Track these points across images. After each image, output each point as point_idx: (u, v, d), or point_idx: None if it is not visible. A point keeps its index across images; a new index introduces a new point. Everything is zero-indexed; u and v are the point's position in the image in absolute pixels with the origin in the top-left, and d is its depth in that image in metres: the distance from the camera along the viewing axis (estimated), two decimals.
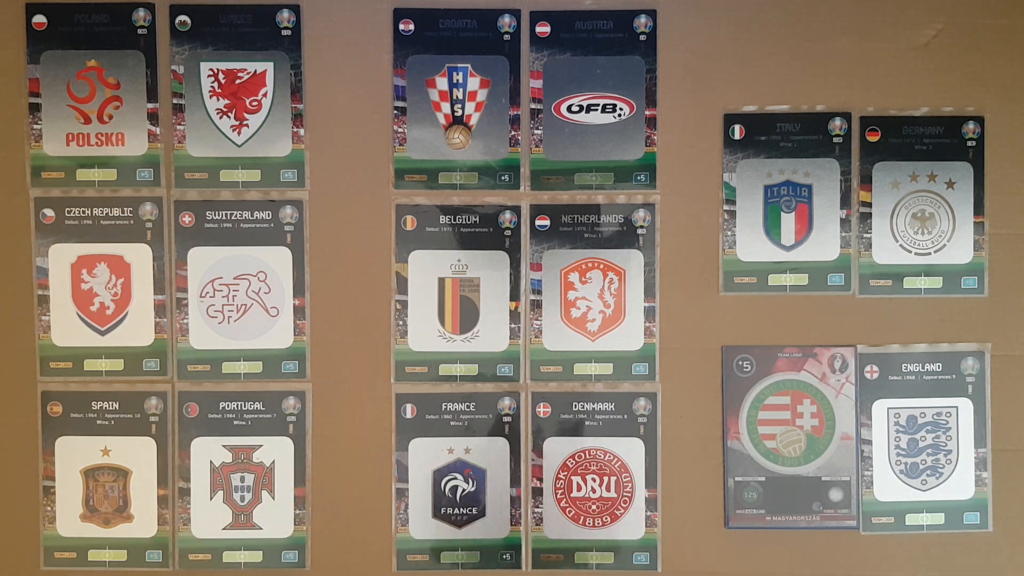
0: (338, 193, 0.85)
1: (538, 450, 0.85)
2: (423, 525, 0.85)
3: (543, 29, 0.84)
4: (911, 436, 0.85)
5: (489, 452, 0.85)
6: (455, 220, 0.85)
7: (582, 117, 0.85)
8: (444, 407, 0.85)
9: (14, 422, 0.84)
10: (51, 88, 0.84)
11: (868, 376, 0.85)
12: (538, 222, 0.85)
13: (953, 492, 0.86)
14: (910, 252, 0.85)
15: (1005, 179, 0.85)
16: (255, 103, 0.84)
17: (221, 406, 0.84)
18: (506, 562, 0.85)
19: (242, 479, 0.85)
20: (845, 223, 0.85)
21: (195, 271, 0.84)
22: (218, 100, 0.84)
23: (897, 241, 0.85)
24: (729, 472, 0.85)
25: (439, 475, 0.85)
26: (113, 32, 0.84)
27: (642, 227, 0.85)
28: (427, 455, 0.85)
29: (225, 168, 0.84)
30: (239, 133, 0.84)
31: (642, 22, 0.84)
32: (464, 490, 0.85)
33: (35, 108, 0.84)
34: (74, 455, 0.84)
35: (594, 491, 0.85)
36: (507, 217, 0.85)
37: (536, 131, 0.85)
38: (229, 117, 0.84)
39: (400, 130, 0.85)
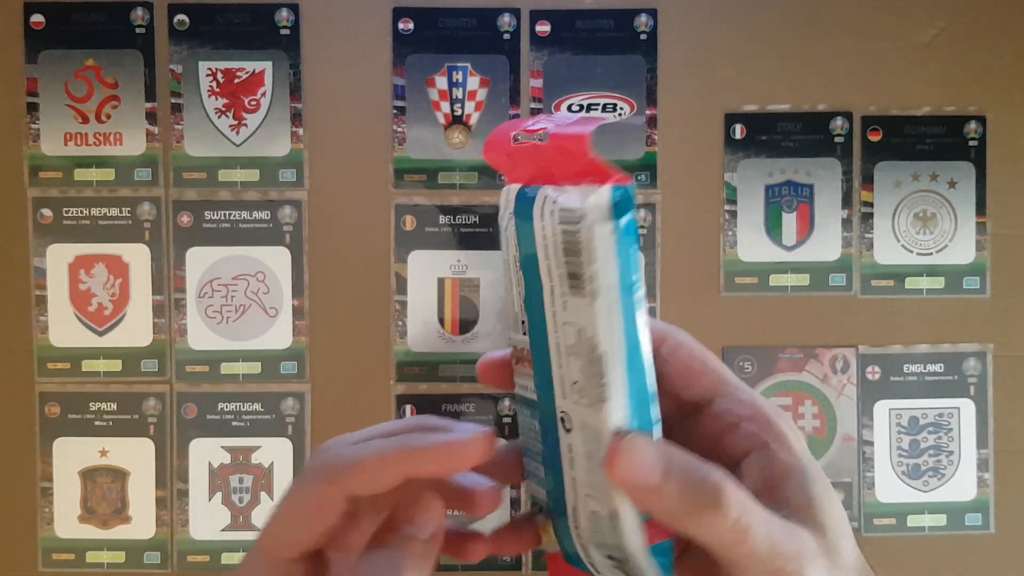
0: (337, 193, 0.84)
1: None
2: None
3: (543, 28, 0.84)
4: (913, 437, 0.85)
5: None
6: (455, 220, 0.84)
7: None
8: (443, 408, 0.85)
9: (12, 423, 0.84)
10: (49, 87, 0.83)
11: (870, 377, 0.85)
12: None
13: (955, 493, 0.85)
14: (912, 252, 0.85)
15: (1007, 179, 0.85)
16: (254, 102, 0.84)
17: (220, 407, 0.84)
18: (506, 563, 0.85)
19: (240, 480, 0.84)
20: (847, 223, 0.85)
21: (193, 271, 0.84)
22: (216, 99, 0.84)
23: (899, 241, 0.85)
24: None
25: None
26: (111, 31, 0.83)
27: (642, 227, 0.85)
28: None
29: (224, 168, 0.84)
30: (238, 133, 0.84)
31: (643, 21, 0.84)
32: None
33: (33, 107, 0.83)
34: (72, 456, 0.84)
35: None
36: None
37: None
38: (228, 116, 0.84)
39: (399, 130, 0.84)
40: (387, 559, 0.29)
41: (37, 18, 0.83)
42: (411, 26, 0.84)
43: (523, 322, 0.29)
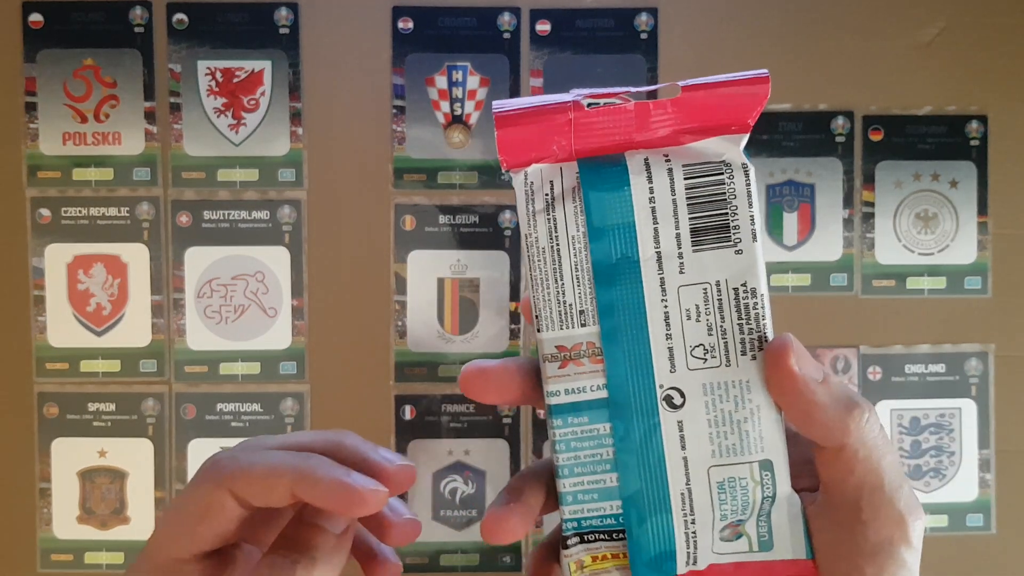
0: (336, 193, 0.84)
1: (538, 452, 0.85)
2: (423, 528, 0.84)
3: (543, 27, 0.84)
4: (914, 438, 0.85)
5: (489, 454, 0.85)
6: (455, 220, 0.84)
7: None
8: (443, 408, 0.84)
9: (10, 423, 0.84)
10: (47, 87, 0.83)
11: (871, 377, 0.85)
12: None
13: (956, 494, 0.85)
14: (913, 252, 0.85)
15: (1009, 179, 0.85)
16: (253, 102, 0.83)
17: (218, 407, 0.84)
18: (506, 565, 0.84)
19: None
20: (848, 223, 0.84)
21: (192, 271, 0.84)
22: (216, 99, 0.83)
23: (900, 241, 0.85)
24: None
25: (438, 477, 0.84)
26: (110, 31, 0.83)
27: None
28: (426, 457, 0.84)
29: (223, 167, 0.84)
30: (237, 132, 0.84)
31: (643, 20, 0.84)
32: (463, 492, 0.85)
33: (31, 107, 0.83)
34: (71, 457, 0.84)
35: None
36: (507, 217, 0.84)
37: None
38: (227, 116, 0.83)
39: (399, 129, 0.84)
40: (298, 553, 0.28)
41: (36, 17, 0.83)
42: (411, 25, 0.84)
43: (582, 312, 0.27)
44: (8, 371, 0.84)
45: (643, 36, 0.84)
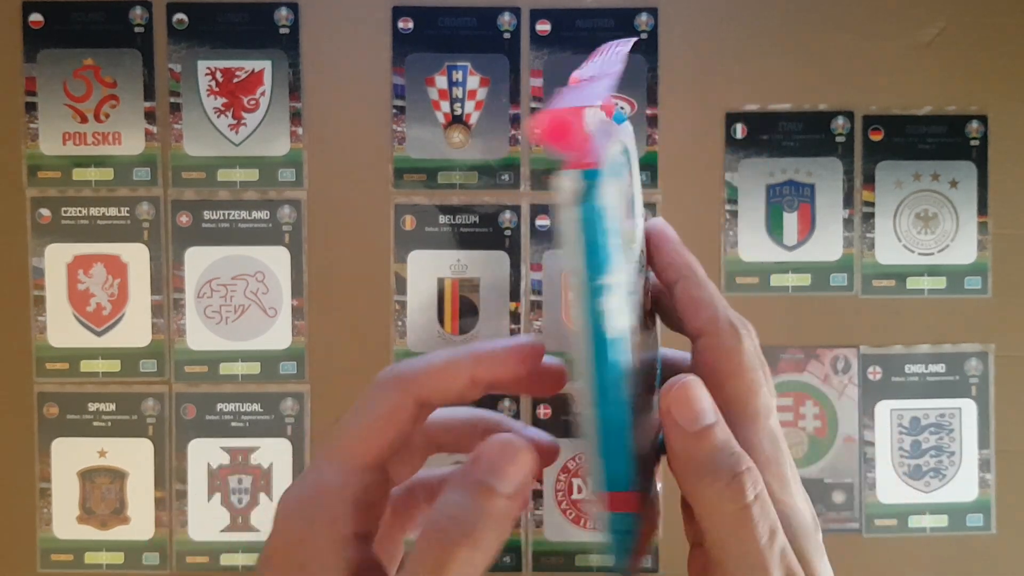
0: (336, 193, 0.84)
1: None
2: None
3: (543, 27, 0.84)
4: (914, 438, 0.85)
5: None
6: (455, 220, 0.84)
7: None
8: None
9: (10, 424, 0.84)
10: (47, 87, 0.83)
11: (871, 377, 0.85)
12: (538, 222, 0.84)
13: (956, 494, 0.85)
14: (913, 252, 0.85)
15: (1009, 179, 0.85)
16: (253, 102, 0.83)
17: (218, 407, 0.84)
18: (506, 565, 0.84)
19: (240, 481, 0.84)
20: (848, 223, 0.84)
21: (192, 271, 0.84)
22: (215, 99, 0.83)
23: (900, 241, 0.85)
24: None
25: None
26: (110, 30, 0.83)
27: None
28: None
29: (223, 167, 0.84)
30: (237, 132, 0.84)
31: (643, 20, 0.84)
32: None
33: (31, 107, 0.83)
34: (71, 457, 0.84)
35: None
36: (507, 217, 0.84)
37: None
38: (227, 116, 0.83)
39: (399, 129, 0.84)
40: (460, 508, 0.25)
41: (36, 17, 0.83)
42: (411, 25, 0.84)
43: None
44: (8, 371, 0.84)
45: (643, 36, 0.84)
